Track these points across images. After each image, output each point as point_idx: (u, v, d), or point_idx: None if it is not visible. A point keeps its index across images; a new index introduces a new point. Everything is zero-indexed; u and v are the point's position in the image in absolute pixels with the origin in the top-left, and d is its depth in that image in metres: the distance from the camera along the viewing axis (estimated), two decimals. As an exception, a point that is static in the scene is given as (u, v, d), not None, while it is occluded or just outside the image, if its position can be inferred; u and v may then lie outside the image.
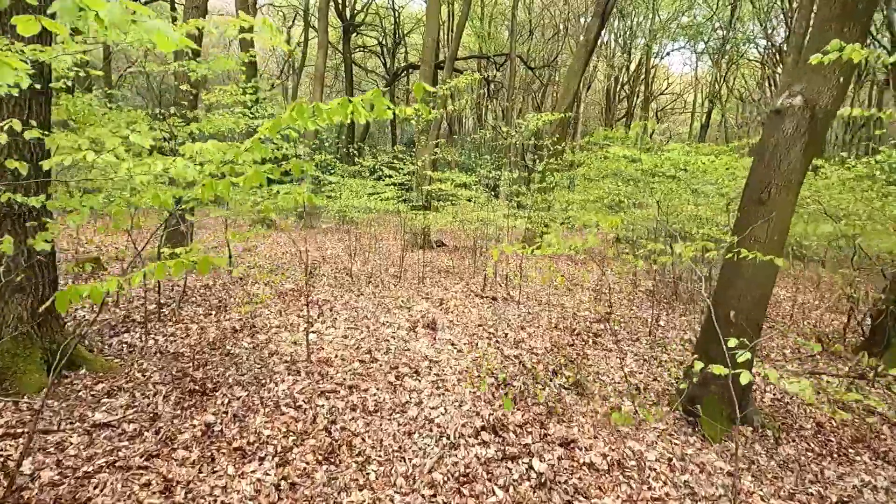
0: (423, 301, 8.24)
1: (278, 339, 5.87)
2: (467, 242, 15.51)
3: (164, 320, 6.20)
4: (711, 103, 27.89)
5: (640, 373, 5.79)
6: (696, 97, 35.59)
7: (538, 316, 7.83)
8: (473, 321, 7.25)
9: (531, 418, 4.44)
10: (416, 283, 9.69)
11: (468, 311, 7.75)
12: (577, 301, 9.23)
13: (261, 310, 7.00)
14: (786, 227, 4.34)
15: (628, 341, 6.91)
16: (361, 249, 13.26)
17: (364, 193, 11.95)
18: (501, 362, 5.71)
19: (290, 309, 7.24)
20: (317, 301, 7.79)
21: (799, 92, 4.13)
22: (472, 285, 9.88)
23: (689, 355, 6.43)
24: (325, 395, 4.50)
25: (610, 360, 6.15)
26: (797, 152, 4.14)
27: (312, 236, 16.66)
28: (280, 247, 13.73)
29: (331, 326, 6.54)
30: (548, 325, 7.33)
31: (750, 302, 4.38)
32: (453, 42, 17.14)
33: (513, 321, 7.41)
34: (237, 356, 5.26)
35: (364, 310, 7.46)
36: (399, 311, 7.54)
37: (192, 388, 4.37)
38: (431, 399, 4.64)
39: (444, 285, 9.75)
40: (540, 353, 6.14)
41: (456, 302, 8.29)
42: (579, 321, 7.76)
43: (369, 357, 5.54)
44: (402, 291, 8.86)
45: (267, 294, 7.92)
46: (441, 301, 8.29)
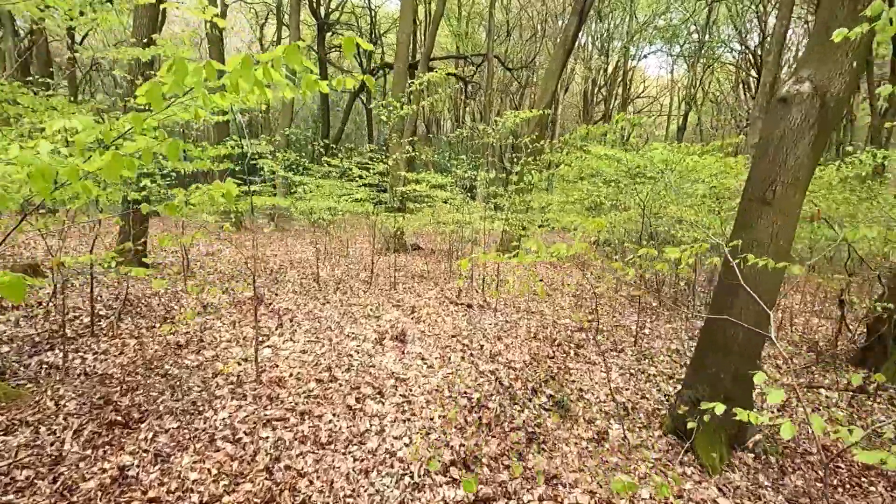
0: (393, 309, 7.63)
1: (227, 356, 5.22)
2: (443, 245, 14.94)
3: (98, 335, 5.50)
4: (688, 106, 27.76)
5: (627, 389, 5.26)
6: (672, 100, 35.61)
7: (516, 325, 7.28)
8: (447, 331, 6.67)
9: (508, 447, 3.87)
10: (388, 290, 9.08)
11: (441, 321, 7.16)
12: (556, 308, 8.71)
13: (213, 321, 6.33)
14: (793, 230, 3.84)
15: (612, 352, 6.38)
16: (332, 253, 12.60)
17: (335, 194, 11.32)
18: (476, 379, 5.13)
19: (247, 320, 6.58)
20: (277, 311, 7.14)
21: (807, 78, 3.63)
22: (447, 291, 9.30)
23: (678, 368, 5.93)
24: (271, 425, 3.87)
25: (594, 374, 5.61)
26: (805, 145, 3.64)
27: (282, 239, 15.93)
28: (248, 250, 12.99)
29: (289, 340, 5.90)
30: (526, 336, 6.78)
31: (753, 316, 3.86)
32: (428, 39, 16.56)
33: (489, 331, 6.85)
34: (176, 377, 4.61)
35: (328, 320, 6.83)
36: (367, 320, 6.92)
37: (113, 420, 3.71)
38: (395, 426, 4.04)
39: (417, 291, 9.15)
40: (518, 367, 5.58)
41: (429, 310, 7.70)
42: (560, 330, 7.23)
43: (328, 375, 4.92)
44: (371, 299, 8.24)
45: (224, 302, 7.25)
46: (413, 309, 7.70)
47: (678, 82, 36.97)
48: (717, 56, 28.66)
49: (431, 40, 16.52)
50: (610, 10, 26.42)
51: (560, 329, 7.29)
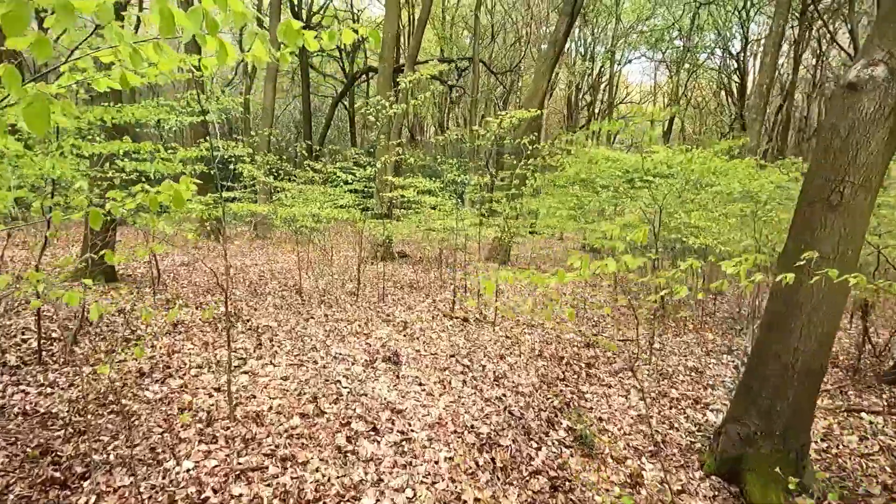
0: (384, 325, 6.96)
1: (196, 386, 4.51)
2: (432, 253, 14.29)
3: (47, 362, 4.75)
4: (673, 114, 27.51)
5: (651, 415, 4.66)
6: (656, 105, 35.46)
7: (518, 341, 6.66)
8: (444, 350, 6.02)
9: (530, 499, 3.23)
10: (376, 302, 8.40)
11: (437, 338, 6.51)
12: (557, 320, 8.11)
13: (183, 343, 5.60)
14: (862, 238, 3.27)
15: (626, 372, 5.78)
16: (315, 263, 11.87)
17: (319, 201, 10.64)
18: (482, 409, 4.49)
19: (222, 340, 5.86)
20: (256, 328, 6.43)
21: (882, 60, 3.07)
22: (440, 303, 8.65)
23: (701, 390, 5.35)
24: (245, 477, 3.18)
25: (612, 398, 5.00)
26: (879, 139, 3.07)
27: (263, 247, 15.15)
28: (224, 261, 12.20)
29: (269, 363, 5.20)
30: (531, 353, 6.16)
31: (814, 342, 3.28)
32: (413, 41, 15.96)
33: (490, 349, 6.21)
34: (134, 415, 3.89)
35: (313, 338, 6.14)
36: (355, 338, 6.24)
37: (49, 477, 3.00)
38: (394, 475, 3.37)
39: (407, 303, 8.48)
40: (527, 392, 4.95)
41: (422, 325, 7.04)
42: (565, 346, 6.62)
43: (314, 408, 4.24)
44: (359, 313, 7.55)
45: (196, 319, 6.52)
46: (405, 325, 7.03)
47: (661, 87, 36.95)
48: (701, 62, 28.52)
49: (417, 42, 15.92)
50: (595, 14, 26.08)
51: (565, 345, 6.68)
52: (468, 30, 26.67)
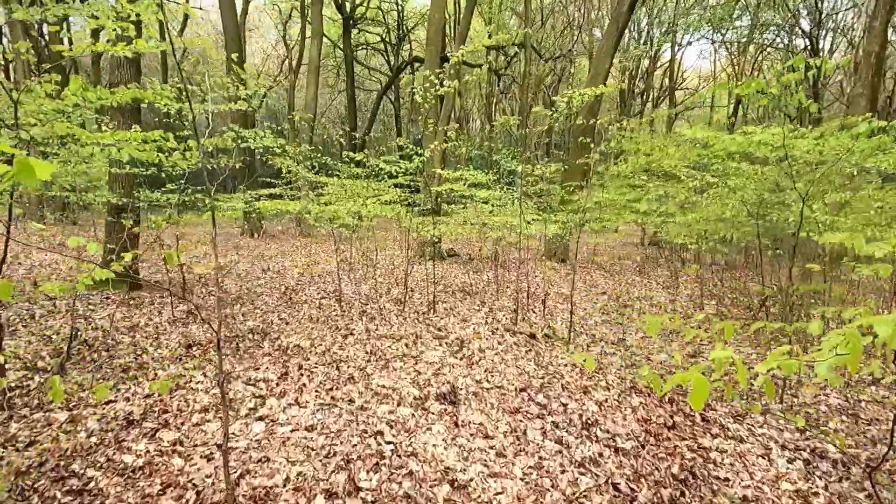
0: (435, 343, 5.73)
1: (195, 441, 3.38)
2: (485, 250, 12.99)
3: (15, 404, 3.72)
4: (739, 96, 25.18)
5: (817, 491, 3.25)
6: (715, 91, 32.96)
7: (603, 368, 5.31)
8: (511, 380, 4.74)
9: None
10: (425, 312, 7.19)
11: (501, 362, 5.23)
12: (639, 334, 6.72)
13: (193, 373, 4.52)
14: None
15: (754, 419, 4.36)
16: (358, 264, 10.76)
17: (361, 196, 9.53)
18: (574, 479, 3.20)
19: (245, 365, 4.76)
20: (286, 349, 5.31)
21: None
22: (499, 313, 7.37)
23: (867, 443, 3.89)
24: None
25: (750, 460, 3.61)
26: None
27: (307, 246, 14.21)
28: (266, 261, 11.27)
29: (293, 403, 4.04)
30: (622, 387, 4.81)
31: None
32: (462, 24, 14.66)
33: (568, 378, 4.89)
34: (98, 495, 2.78)
35: (351, 364, 4.96)
36: (402, 364, 5.04)
37: None
38: None
39: (461, 313, 7.24)
40: (629, 447, 3.63)
41: (481, 343, 5.78)
42: (662, 374, 5.24)
43: (345, 480, 3.04)
44: (406, 327, 6.36)
45: (216, 338, 5.47)
46: (461, 344, 5.78)
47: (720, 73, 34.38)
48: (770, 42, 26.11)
49: (465, 26, 14.60)
50: (653, -5, 24.12)
51: (663, 371, 5.30)
52: (517, 15, 25.13)
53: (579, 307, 8.28)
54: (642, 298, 9.29)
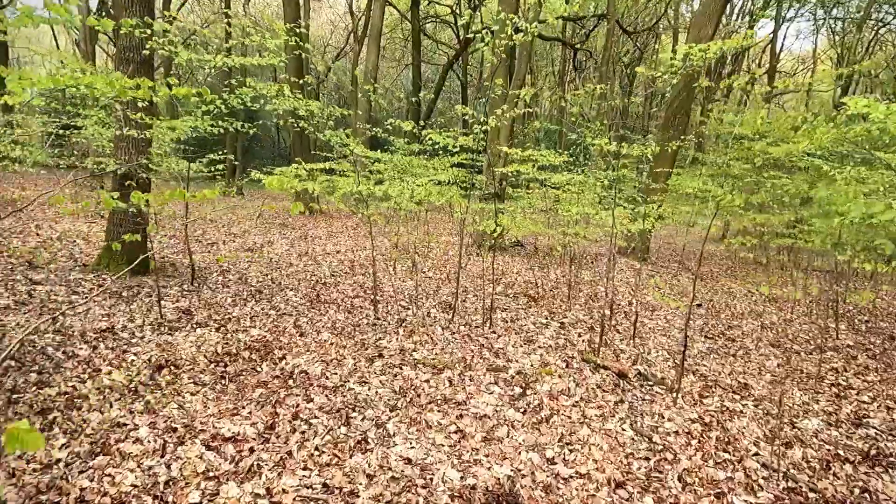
0: (489, 380, 4.14)
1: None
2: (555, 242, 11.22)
3: None
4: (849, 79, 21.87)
5: None
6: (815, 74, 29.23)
7: (723, 428, 3.57)
8: (601, 466, 3.09)
9: None
10: (478, 325, 5.60)
11: (583, 425, 3.57)
12: (764, 375, 4.89)
13: (138, 421, 3.13)
14: None
15: None
16: (407, 252, 9.26)
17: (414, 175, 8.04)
18: None
19: (219, 407, 3.34)
20: (288, 376, 3.87)
21: None
22: (573, 331, 5.69)
23: None
24: None
25: None
26: None
27: (356, 227, 12.85)
28: (307, 243, 9.97)
29: (263, 494, 2.57)
30: (771, 485, 3.07)
31: None
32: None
33: (687, 464, 3.19)
34: None
35: (369, 411, 3.46)
36: (441, 415, 3.48)
37: None
38: None
39: (524, 328, 5.60)
40: None
41: (552, 385, 4.14)
42: (818, 448, 3.45)
43: None
44: (453, 347, 4.79)
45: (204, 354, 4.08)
46: (524, 383, 4.16)
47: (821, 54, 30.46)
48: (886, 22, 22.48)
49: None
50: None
51: (813, 444, 3.50)
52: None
53: (671, 324, 6.47)
54: (749, 314, 7.34)
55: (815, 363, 5.37)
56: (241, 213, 13.19)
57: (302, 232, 11.18)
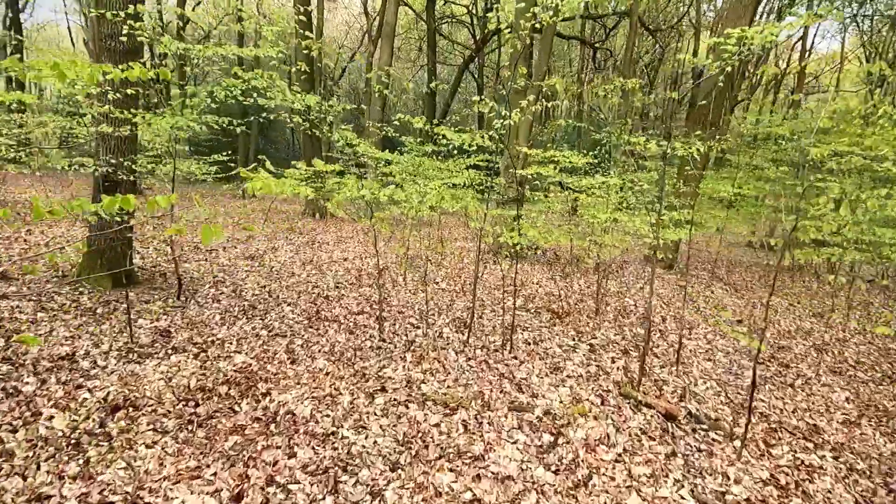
0: (511, 424, 3.40)
1: None
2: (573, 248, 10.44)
3: None
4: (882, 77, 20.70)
5: None
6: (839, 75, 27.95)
7: (805, 494, 2.82)
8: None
9: None
10: (498, 348, 4.87)
11: (629, 488, 2.84)
12: (834, 412, 4.10)
13: (68, 489, 2.46)
14: None
15: None
16: (420, 259, 8.55)
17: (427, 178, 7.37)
18: None
19: (177, 466, 2.67)
20: (269, 420, 3.18)
21: None
22: (604, 355, 4.93)
23: None
24: None
25: None
26: None
27: (369, 232, 12.18)
28: (313, 249, 9.32)
29: None
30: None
31: None
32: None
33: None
34: None
35: (365, 470, 2.76)
36: (450, 480, 2.75)
37: None
38: None
39: (550, 352, 4.86)
40: None
41: (587, 430, 3.40)
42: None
43: None
44: (468, 377, 4.08)
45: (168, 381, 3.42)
46: (555, 429, 3.42)
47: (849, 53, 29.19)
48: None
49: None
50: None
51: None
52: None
53: (714, 345, 5.69)
54: (796, 332, 6.52)
55: (890, 396, 4.57)
56: (250, 215, 12.60)
57: (309, 237, 10.54)
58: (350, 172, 6.35)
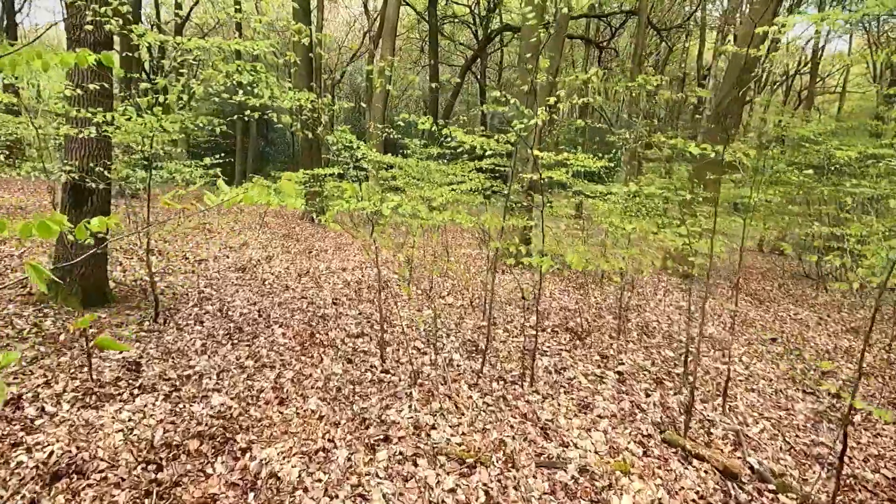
0: (541, 490, 2.79)
1: None
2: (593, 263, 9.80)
3: None
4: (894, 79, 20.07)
5: None
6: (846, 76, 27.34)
7: None
8: None
9: None
10: (516, 381, 4.25)
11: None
12: (916, 465, 3.49)
13: None
14: None
15: None
16: (424, 268, 7.92)
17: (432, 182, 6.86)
18: None
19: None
20: (248, 484, 2.57)
21: None
22: (635, 385, 4.31)
23: None
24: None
25: None
26: None
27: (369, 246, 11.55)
28: (311, 257, 8.71)
29: None
30: None
31: None
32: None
33: None
34: None
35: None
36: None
37: None
38: None
39: (575, 384, 4.24)
40: None
41: (634, 493, 2.79)
42: None
43: None
44: (486, 418, 3.45)
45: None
46: (592, 490, 2.81)
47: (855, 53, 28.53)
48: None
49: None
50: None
51: None
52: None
53: (752, 369, 5.07)
54: (835, 352, 5.91)
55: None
56: (246, 219, 11.97)
57: (307, 244, 9.92)
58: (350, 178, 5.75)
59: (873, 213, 8.95)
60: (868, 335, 2.59)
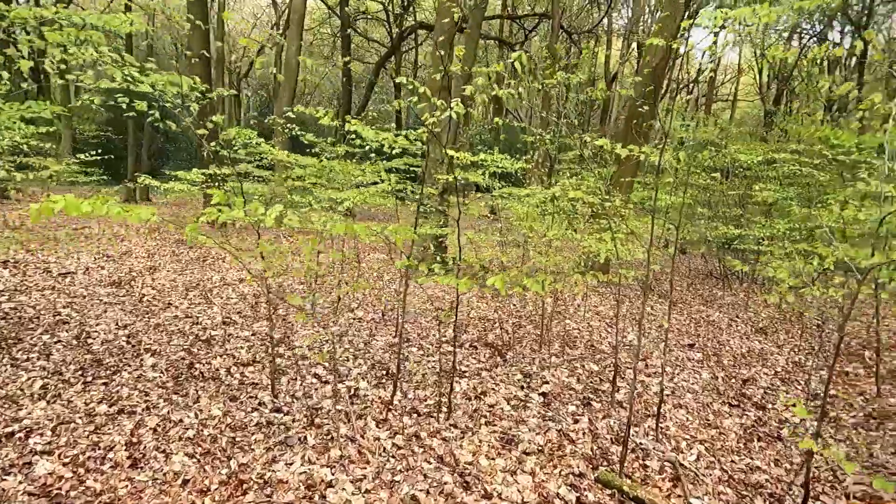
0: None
1: None
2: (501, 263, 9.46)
3: None
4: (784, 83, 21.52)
5: None
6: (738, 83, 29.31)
7: None
8: None
9: None
10: (432, 413, 3.71)
11: None
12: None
13: None
14: None
15: None
16: (336, 277, 7.20)
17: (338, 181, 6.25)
18: None
19: None
20: None
21: None
22: (562, 409, 3.87)
23: None
24: None
25: None
26: None
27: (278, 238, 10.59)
28: (204, 266, 7.73)
29: None
30: None
31: None
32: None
33: None
34: None
35: None
36: None
37: None
38: None
39: (497, 418, 3.74)
40: None
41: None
42: None
43: None
44: (394, 473, 2.87)
45: None
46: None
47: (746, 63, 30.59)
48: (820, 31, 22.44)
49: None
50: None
51: None
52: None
53: (676, 381, 4.84)
54: (750, 355, 5.87)
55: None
56: (131, 224, 10.62)
57: (203, 251, 8.87)
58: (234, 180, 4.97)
59: (776, 214, 9.29)
60: (832, 368, 2.26)
